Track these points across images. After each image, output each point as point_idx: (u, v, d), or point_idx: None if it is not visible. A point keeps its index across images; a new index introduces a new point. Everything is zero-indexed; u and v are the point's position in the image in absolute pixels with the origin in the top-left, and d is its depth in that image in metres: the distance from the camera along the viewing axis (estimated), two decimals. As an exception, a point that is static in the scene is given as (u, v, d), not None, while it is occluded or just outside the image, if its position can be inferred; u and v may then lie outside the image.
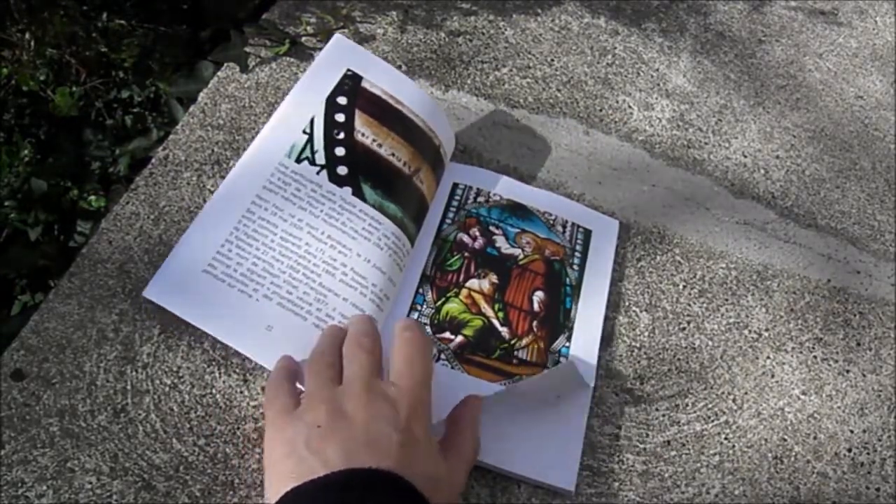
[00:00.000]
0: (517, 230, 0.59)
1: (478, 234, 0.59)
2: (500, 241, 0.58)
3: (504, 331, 0.54)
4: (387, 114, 0.57)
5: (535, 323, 0.55)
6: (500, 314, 0.55)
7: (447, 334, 0.53)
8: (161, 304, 0.49)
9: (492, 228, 0.59)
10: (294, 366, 0.47)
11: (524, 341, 0.54)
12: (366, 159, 0.55)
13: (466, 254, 0.57)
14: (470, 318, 0.54)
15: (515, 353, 0.53)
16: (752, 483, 0.52)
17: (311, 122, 0.56)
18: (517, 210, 0.61)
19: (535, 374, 0.53)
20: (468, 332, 0.54)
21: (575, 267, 0.58)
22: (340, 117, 0.56)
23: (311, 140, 0.55)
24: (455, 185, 0.61)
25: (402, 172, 0.56)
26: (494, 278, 0.57)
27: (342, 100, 0.57)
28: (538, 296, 0.56)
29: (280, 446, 0.42)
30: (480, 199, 0.61)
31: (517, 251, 0.58)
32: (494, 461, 0.48)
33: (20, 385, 0.48)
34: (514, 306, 0.56)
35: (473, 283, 0.56)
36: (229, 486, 0.46)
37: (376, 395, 0.43)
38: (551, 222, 0.60)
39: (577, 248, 0.60)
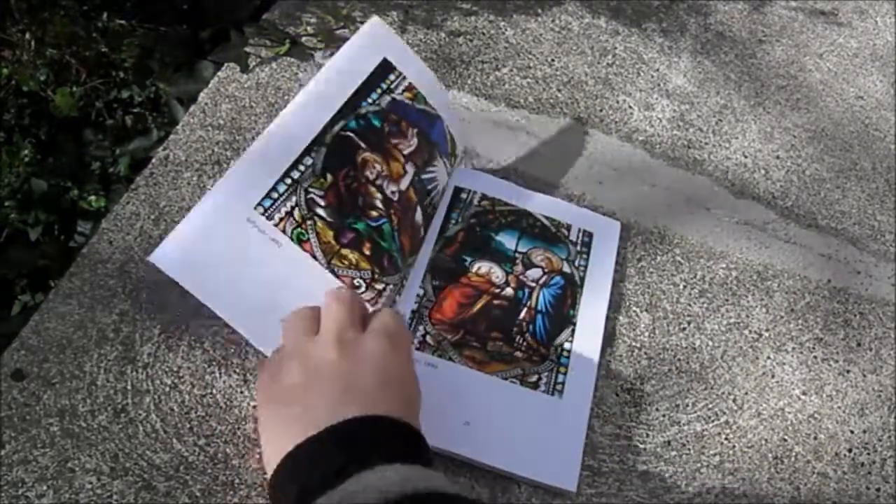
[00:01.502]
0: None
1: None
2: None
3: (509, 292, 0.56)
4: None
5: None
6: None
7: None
8: (166, 271, 0.45)
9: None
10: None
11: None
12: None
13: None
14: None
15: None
16: (753, 483, 0.52)
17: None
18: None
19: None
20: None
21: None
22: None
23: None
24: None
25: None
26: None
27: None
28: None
29: (266, 415, 0.42)
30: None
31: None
32: (495, 462, 0.48)
33: (20, 385, 0.48)
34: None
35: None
36: (230, 486, 0.46)
37: (348, 342, 0.42)
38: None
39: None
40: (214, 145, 0.61)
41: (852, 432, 0.55)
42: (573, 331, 0.55)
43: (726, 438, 0.53)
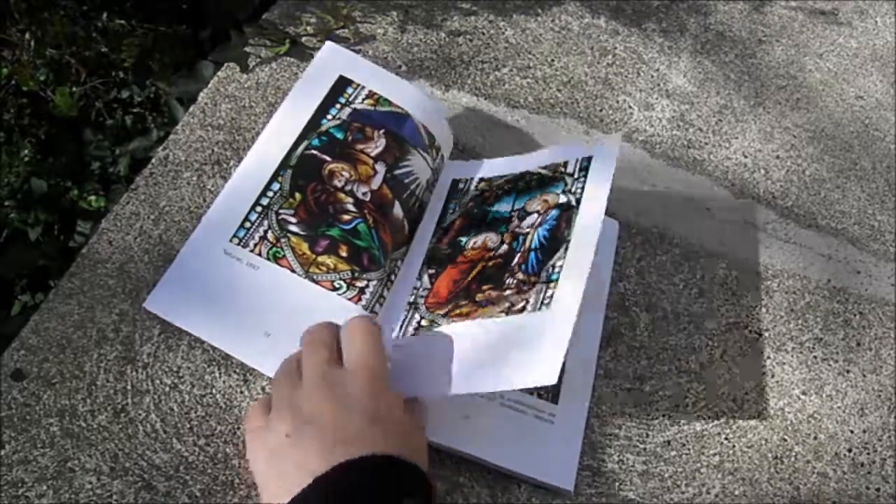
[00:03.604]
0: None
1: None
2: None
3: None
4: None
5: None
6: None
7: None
8: (160, 315, 0.50)
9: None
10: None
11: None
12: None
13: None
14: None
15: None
16: (753, 483, 0.52)
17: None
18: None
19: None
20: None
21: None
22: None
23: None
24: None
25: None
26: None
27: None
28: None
29: (263, 466, 0.42)
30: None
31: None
32: (495, 459, 0.48)
33: (20, 385, 0.48)
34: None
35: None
36: (229, 486, 0.46)
37: (333, 385, 0.42)
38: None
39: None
40: (214, 145, 0.61)
41: (852, 432, 0.55)
42: (566, 247, 0.51)
43: (726, 438, 0.53)
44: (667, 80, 0.75)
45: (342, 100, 0.58)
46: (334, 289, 0.51)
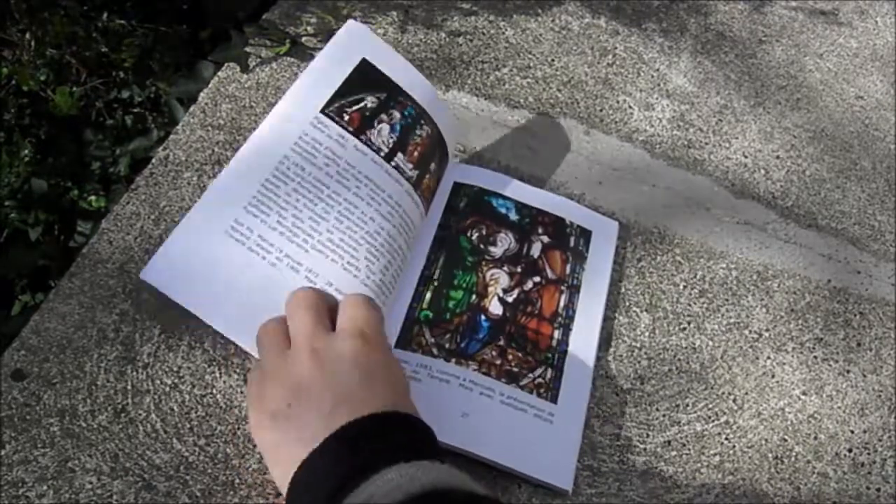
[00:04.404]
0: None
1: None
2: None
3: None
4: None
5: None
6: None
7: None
8: (157, 287, 0.46)
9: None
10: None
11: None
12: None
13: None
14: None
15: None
16: (753, 483, 0.52)
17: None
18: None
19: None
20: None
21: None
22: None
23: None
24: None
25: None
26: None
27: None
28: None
29: (263, 442, 0.42)
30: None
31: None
32: (492, 456, 0.48)
33: (20, 385, 0.48)
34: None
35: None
36: (230, 486, 0.46)
37: (321, 350, 0.42)
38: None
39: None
40: (214, 145, 0.61)
41: (852, 432, 0.55)
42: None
43: (726, 438, 0.53)
44: (667, 80, 0.75)
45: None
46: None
